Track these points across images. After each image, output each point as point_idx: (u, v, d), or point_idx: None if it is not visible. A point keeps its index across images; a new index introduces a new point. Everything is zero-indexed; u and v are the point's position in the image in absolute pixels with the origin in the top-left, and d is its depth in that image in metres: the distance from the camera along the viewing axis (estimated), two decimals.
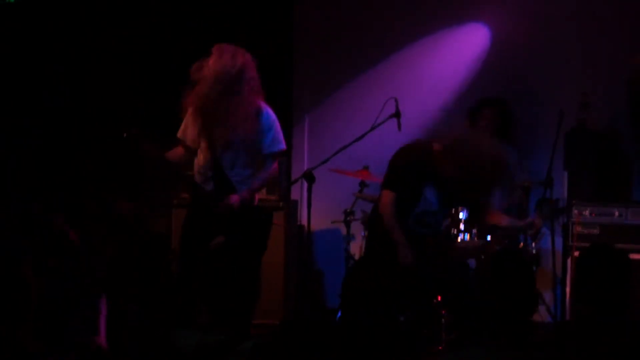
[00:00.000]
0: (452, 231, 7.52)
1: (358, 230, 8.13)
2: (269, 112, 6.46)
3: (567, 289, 7.23)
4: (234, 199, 6.39)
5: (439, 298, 6.67)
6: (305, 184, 6.67)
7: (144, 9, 8.77)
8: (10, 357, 3.86)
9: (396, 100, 6.75)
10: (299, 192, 8.27)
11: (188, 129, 6.54)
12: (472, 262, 7.63)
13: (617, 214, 7.46)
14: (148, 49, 8.73)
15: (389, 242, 6.32)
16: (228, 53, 6.34)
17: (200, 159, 6.54)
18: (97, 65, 8.75)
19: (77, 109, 8.74)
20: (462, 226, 7.47)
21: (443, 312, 6.71)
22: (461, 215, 7.39)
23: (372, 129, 6.71)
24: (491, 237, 7.40)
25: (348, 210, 8.01)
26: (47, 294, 4.67)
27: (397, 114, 6.75)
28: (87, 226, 8.45)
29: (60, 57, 8.72)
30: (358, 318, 6.10)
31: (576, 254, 7.26)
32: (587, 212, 7.47)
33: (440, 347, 6.60)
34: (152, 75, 8.71)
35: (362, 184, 8.14)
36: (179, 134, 6.59)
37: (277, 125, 6.50)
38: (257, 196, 6.65)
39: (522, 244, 7.65)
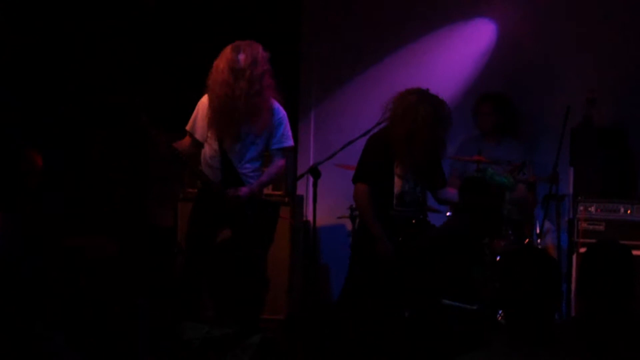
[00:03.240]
0: None
1: None
2: (279, 108, 6.51)
3: (573, 285, 7.24)
4: (244, 191, 6.42)
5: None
6: (311, 179, 6.68)
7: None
8: (27, 351, 3.89)
9: None
10: (304, 187, 8.28)
11: (197, 121, 6.56)
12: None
13: (622, 210, 7.45)
14: (152, 38, 8.73)
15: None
16: (251, 50, 6.36)
17: (207, 151, 6.56)
18: (101, 57, 8.76)
19: (81, 100, 8.76)
20: None
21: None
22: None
23: (378, 124, 6.73)
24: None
25: (354, 206, 7.99)
26: None
27: None
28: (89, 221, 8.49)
29: (64, 49, 8.72)
30: (361, 313, 6.12)
31: (581, 250, 7.27)
32: (592, 209, 7.46)
33: (447, 344, 6.61)
34: (157, 65, 8.72)
35: None
36: (188, 127, 6.60)
37: (286, 121, 6.56)
38: (264, 190, 6.69)
39: (527, 240, 7.65)
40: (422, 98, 6.48)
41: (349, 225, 8.14)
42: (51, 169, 8.11)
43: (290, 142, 6.61)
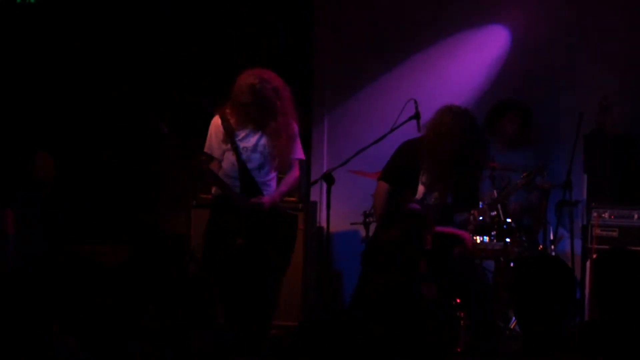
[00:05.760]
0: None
1: None
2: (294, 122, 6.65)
3: (586, 292, 7.24)
4: (266, 200, 6.49)
5: (458, 300, 6.69)
6: (325, 186, 6.70)
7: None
8: (40, 351, 3.91)
9: (416, 102, 6.77)
10: (318, 193, 8.29)
11: (213, 143, 6.62)
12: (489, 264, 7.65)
13: (636, 216, 7.45)
14: (166, 47, 8.78)
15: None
16: (270, 78, 6.51)
17: (224, 165, 6.61)
18: (115, 65, 8.79)
19: (97, 108, 8.79)
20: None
21: (462, 314, 6.72)
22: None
23: (392, 130, 6.73)
24: (510, 240, 7.40)
25: (367, 212, 8.00)
26: None
27: (416, 116, 6.77)
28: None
29: (81, 56, 8.76)
30: (372, 317, 6.12)
31: (595, 256, 7.26)
32: (606, 215, 7.46)
33: (459, 349, 6.61)
34: (170, 82, 8.77)
35: None
36: (206, 149, 6.65)
37: (298, 134, 6.68)
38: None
39: (541, 246, 7.65)
40: (456, 123, 6.42)
41: (362, 232, 8.15)
42: (63, 173, 8.15)
43: (303, 155, 6.75)
